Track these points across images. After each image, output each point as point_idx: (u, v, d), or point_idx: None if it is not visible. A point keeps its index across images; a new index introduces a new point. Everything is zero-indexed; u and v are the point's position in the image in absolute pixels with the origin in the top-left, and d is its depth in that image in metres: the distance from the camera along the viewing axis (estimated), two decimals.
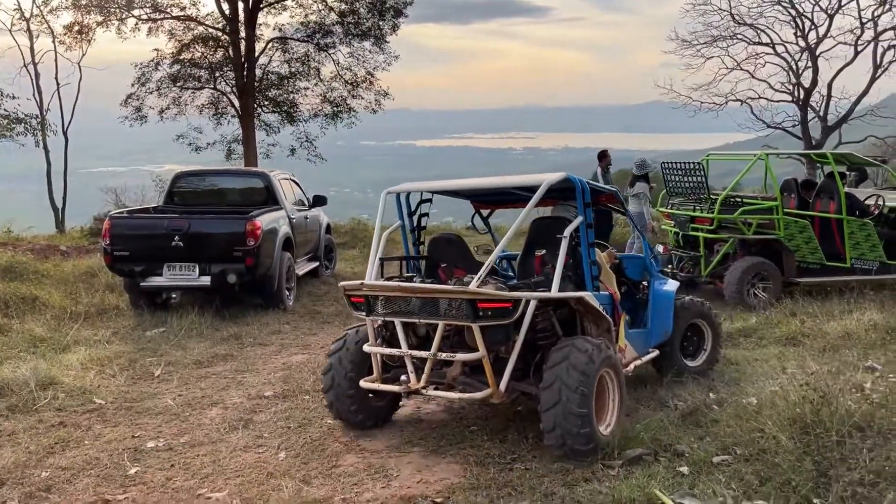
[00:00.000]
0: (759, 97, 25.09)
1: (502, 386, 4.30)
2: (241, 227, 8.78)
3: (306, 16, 22.87)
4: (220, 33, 22.16)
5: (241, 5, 21.39)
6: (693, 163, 9.56)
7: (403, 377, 4.49)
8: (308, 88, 23.76)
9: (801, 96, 24.34)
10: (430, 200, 5.58)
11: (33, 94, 25.45)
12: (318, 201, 11.79)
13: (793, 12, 23.89)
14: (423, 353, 4.39)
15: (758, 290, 8.87)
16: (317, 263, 11.56)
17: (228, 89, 22.59)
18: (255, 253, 8.81)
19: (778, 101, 25.15)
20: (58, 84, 25.93)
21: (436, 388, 4.44)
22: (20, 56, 25.63)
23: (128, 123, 22.52)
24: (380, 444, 4.77)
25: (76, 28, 23.08)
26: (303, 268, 10.76)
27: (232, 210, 9.73)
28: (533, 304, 4.25)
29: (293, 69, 23.46)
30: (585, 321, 4.71)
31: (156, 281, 8.83)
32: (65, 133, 25.73)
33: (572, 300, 4.55)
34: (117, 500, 4.06)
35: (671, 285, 5.85)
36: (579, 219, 4.67)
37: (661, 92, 25.29)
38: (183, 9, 22.31)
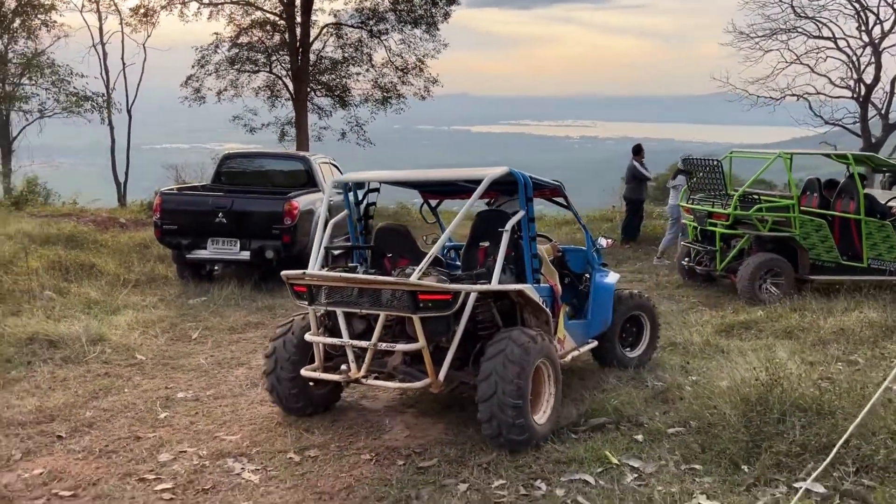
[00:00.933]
0: (818, 93, 24.64)
1: (441, 376, 4.33)
2: (279, 207, 9.44)
3: (360, 2, 23.48)
4: (277, 18, 22.95)
5: None
6: (713, 159, 9.82)
7: (344, 366, 4.51)
8: (360, 74, 24.47)
9: (863, 93, 23.81)
10: (377, 190, 5.62)
11: (100, 73, 26.82)
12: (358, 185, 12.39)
13: (857, 6, 23.34)
14: (363, 343, 4.39)
15: (769, 286, 9.12)
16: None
17: (283, 73, 23.43)
18: (292, 231, 9.47)
19: (837, 98, 24.69)
20: (123, 64, 27.24)
21: (376, 378, 4.50)
22: (89, 36, 26.91)
23: (187, 103, 23.59)
24: (379, 404, 5.34)
25: (142, 10, 24.23)
26: (338, 249, 11.37)
27: (273, 191, 10.40)
28: (473, 296, 4.30)
29: (346, 54, 24.17)
30: (525, 312, 4.77)
31: (200, 254, 9.57)
32: (129, 111, 27.01)
33: (512, 293, 4.60)
34: (147, 437, 4.73)
35: (611, 277, 5.94)
36: (521, 213, 4.74)
37: (717, 84, 25.02)
38: None
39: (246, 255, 9.52)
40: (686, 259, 10.23)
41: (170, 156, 32.20)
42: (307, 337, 4.68)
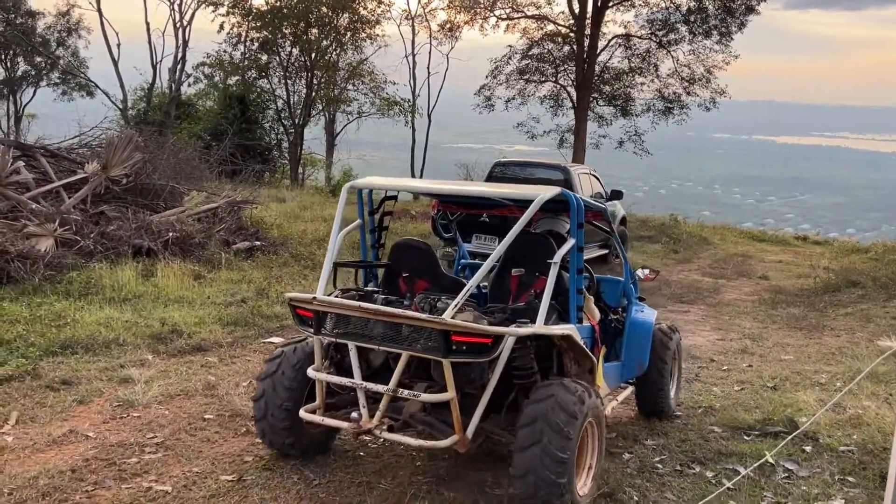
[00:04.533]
0: None
1: (470, 432, 3.66)
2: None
3: (652, 13, 23.79)
4: (568, 31, 24.22)
5: (590, 4, 23.15)
6: None
7: (354, 414, 3.75)
8: (644, 84, 24.85)
9: None
10: (394, 198, 4.91)
11: (409, 81, 30.34)
12: (615, 195, 13.10)
13: None
14: (379, 388, 3.69)
15: None
16: (606, 251, 12.93)
17: (568, 83, 24.65)
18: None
19: None
20: (429, 73, 30.49)
21: (390, 429, 3.82)
22: (403, 47, 30.54)
23: (478, 111, 25.91)
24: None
25: (448, 25, 27.12)
26: (590, 253, 12.22)
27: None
28: (513, 339, 3.62)
29: (632, 65, 24.69)
30: (565, 358, 4.08)
31: (465, 247, 11.06)
32: (429, 115, 30.21)
33: (556, 336, 3.92)
34: None
35: (649, 313, 5.23)
36: (570, 241, 4.06)
37: None
38: (539, 7, 24.82)
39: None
40: None
41: (463, 154, 35.11)
42: (310, 373, 3.95)
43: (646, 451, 4.77)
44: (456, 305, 3.61)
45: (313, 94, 27.60)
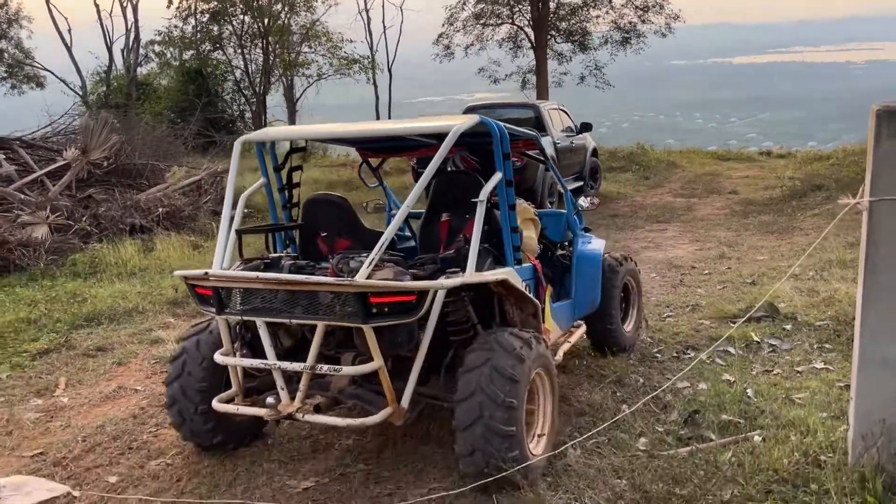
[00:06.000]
0: None
1: (405, 402, 3.29)
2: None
3: None
4: None
5: None
6: None
7: (270, 399, 3.35)
8: (599, 17, 25.04)
9: None
10: (303, 149, 4.42)
11: (365, 37, 30.17)
12: (585, 128, 13.48)
13: None
14: (296, 366, 3.28)
15: None
16: (581, 183, 13.35)
17: (525, 23, 24.76)
18: (521, 171, 10.90)
19: None
20: (384, 27, 30.36)
21: (317, 408, 3.36)
22: (356, 4, 30.28)
23: (438, 59, 25.95)
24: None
25: None
26: (567, 185, 12.64)
27: None
28: (442, 293, 3.19)
29: None
30: (506, 304, 3.70)
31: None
32: (389, 70, 30.13)
33: (493, 283, 3.51)
34: None
35: (596, 244, 4.86)
36: (497, 175, 3.60)
37: None
38: None
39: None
40: None
41: (425, 108, 35.11)
42: (217, 358, 3.53)
43: (643, 344, 5.25)
44: (371, 263, 3.15)
45: (270, 60, 27.39)
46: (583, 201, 5.00)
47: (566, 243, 4.76)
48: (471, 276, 3.30)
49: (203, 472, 3.70)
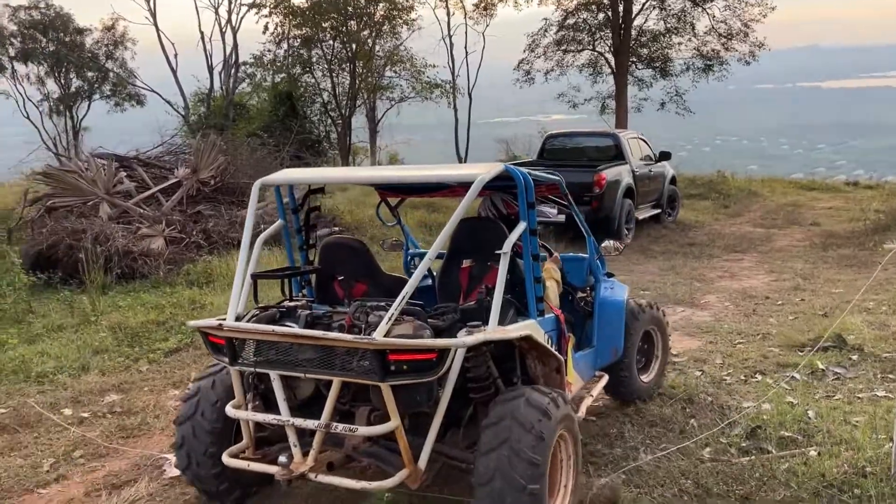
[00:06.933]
0: None
1: (422, 463, 3.17)
2: (589, 178, 11.40)
3: None
4: None
5: None
6: None
7: (282, 458, 3.19)
8: (681, 43, 25.18)
9: None
10: (321, 191, 4.40)
11: (447, 62, 31.10)
12: (664, 156, 13.80)
13: None
14: (310, 423, 3.18)
15: None
16: (658, 211, 13.67)
17: (605, 49, 25.15)
18: (600, 198, 11.37)
19: None
20: (466, 53, 31.23)
21: (329, 466, 3.28)
22: (439, 30, 31.30)
23: (518, 85, 26.60)
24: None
25: (483, 5, 27.84)
26: (643, 213, 12.99)
27: (586, 164, 12.35)
28: (462, 351, 3.13)
29: (668, 26, 25.02)
30: (528, 358, 3.58)
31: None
32: (469, 94, 30.95)
33: (515, 339, 3.39)
34: None
35: (620, 291, 4.69)
36: (521, 225, 3.52)
37: None
38: None
39: (561, 217, 11.64)
40: None
41: (501, 129, 35.64)
42: (228, 410, 3.43)
43: (714, 368, 5.64)
44: (390, 319, 3.07)
45: (357, 84, 28.61)
46: (608, 243, 4.76)
47: (588, 288, 4.60)
48: (494, 331, 3.21)
49: None
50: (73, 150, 27.47)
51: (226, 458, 3.42)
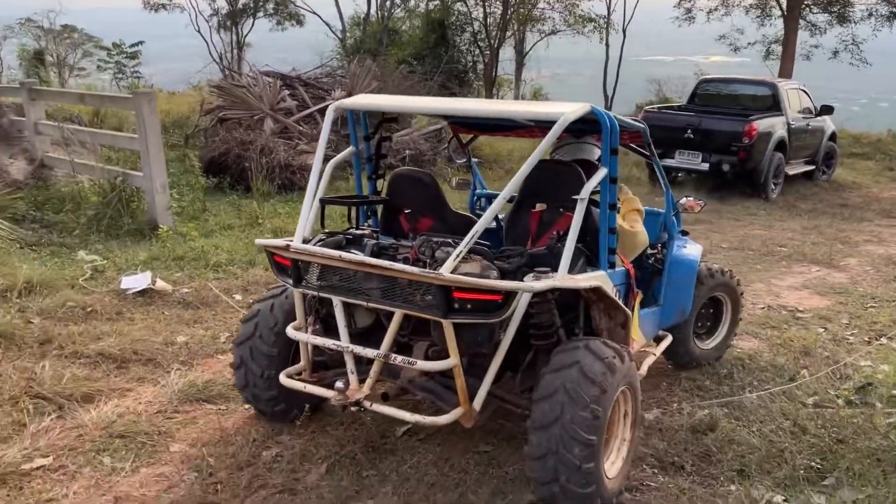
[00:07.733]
0: None
1: (477, 404, 3.16)
2: (739, 128, 11.09)
3: None
4: None
5: None
6: None
7: (339, 383, 3.19)
8: None
9: None
10: (395, 120, 4.31)
11: None
12: (825, 110, 13.06)
13: None
14: (369, 352, 3.18)
15: None
16: (812, 167, 13.05)
17: None
18: (748, 149, 11.07)
19: None
20: None
21: (384, 396, 3.30)
22: None
23: (677, 23, 25.49)
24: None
25: None
26: (795, 168, 12.48)
27: (738, 113, 11.96)
28: (528, 295, 3.09)
29: None
30: (594, 310, 3.45)
31: (667, 162, 11.80)
32: (624, 30, 29.97)
33: (583, 289, 3.25)
34: None
35: (693, 249, 4.50)
36: (602, 171, 3.36)
37: None
38: None
39: (705, 166, 11.47)
40: None
41: (654, 68, 34.28)
42: (289, 332, 3.49)
43: (838, 327, 5.67)
44: (458, 256, 3.00)
45: (508, 14, 28.40)
46: (685, 200, 4.52)
47: (660, 245, 4.41)
48: (563, 279, 3.12)
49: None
50: (237, 65, 29.29)
51: (283, 378, 3.49)
